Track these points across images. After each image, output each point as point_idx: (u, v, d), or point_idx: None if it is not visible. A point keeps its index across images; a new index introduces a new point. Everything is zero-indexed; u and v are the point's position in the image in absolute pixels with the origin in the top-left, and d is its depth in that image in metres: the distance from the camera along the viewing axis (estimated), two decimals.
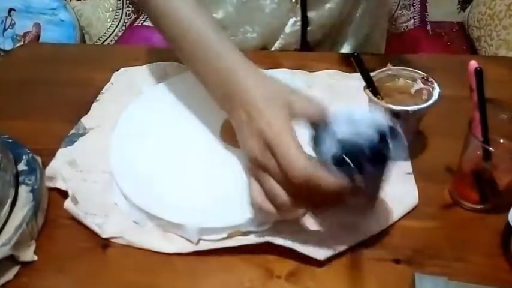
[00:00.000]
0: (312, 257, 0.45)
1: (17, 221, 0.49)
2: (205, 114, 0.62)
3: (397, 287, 0.44)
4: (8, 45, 1.45)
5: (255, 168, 0.43)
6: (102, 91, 0.70)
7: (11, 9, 1.46)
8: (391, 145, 0.41)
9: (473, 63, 0.43)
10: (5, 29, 1.46)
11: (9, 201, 0.50)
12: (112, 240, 0.50)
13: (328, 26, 0.80)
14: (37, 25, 1.46)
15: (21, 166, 0.55)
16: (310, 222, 0.49)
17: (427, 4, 1.34)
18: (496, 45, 1.08)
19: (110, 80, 0.73)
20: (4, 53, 1.44)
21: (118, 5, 1.50)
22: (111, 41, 1.49)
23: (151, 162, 0.56)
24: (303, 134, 0.43)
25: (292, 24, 0.77)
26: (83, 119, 0.65)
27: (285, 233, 0.48)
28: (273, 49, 0.82)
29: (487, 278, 0.44)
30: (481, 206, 0.50)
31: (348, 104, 0.43)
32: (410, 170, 0.54)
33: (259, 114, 0.43)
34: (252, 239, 0.48)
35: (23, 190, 0.52)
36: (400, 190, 0.51)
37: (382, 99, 0.51)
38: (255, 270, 0.46)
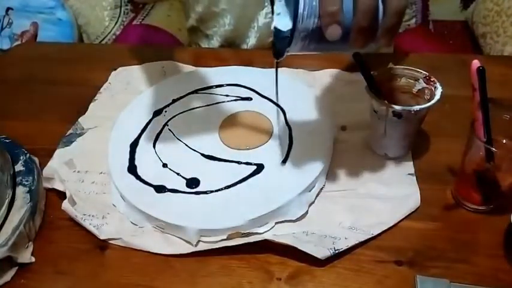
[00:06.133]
0: (313, 255, 0.45)
1: (14, 222, 0.48)
2: (204, 114, 0.62)
3: None
4: (5, 45, 1.44)
5: None
6: (100, 91, 0.70)
7: (8, 8, 1.45)
8: None
9: (475, 63, 0.42)
10: (2, 28, 1.45)
11: (7, 202, 0.50)
12: (110, 241, 0.49)
13: None
14: (34, 24, 1.45)
15: (19, 166, 0.55)
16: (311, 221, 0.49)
17: (429, 2, 1.33)
18: (502, 41, 1.06)
19: (108, 79, 0.72)
20: (1, 52, 1.43)
21: (116, 4, 1.49)
22: (109, 40, 1.48)
23: (150, 163, 0.55)
24: None
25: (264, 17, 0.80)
26: (80, 119, 0.64)
27: (286, 234, 0.48)
28: (249, 42, 0.84)
29: (490, 280, 0.44)
30: (484, 207, 0.49)
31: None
32: (412, 171, 0.53)
33: None
34: (252, 239, 0.47)
35: (21, 191, 0.52)
36: (402, 191, 0.51)
37: (384, 99, 0.50)
38: (254, 273, 0.46)
